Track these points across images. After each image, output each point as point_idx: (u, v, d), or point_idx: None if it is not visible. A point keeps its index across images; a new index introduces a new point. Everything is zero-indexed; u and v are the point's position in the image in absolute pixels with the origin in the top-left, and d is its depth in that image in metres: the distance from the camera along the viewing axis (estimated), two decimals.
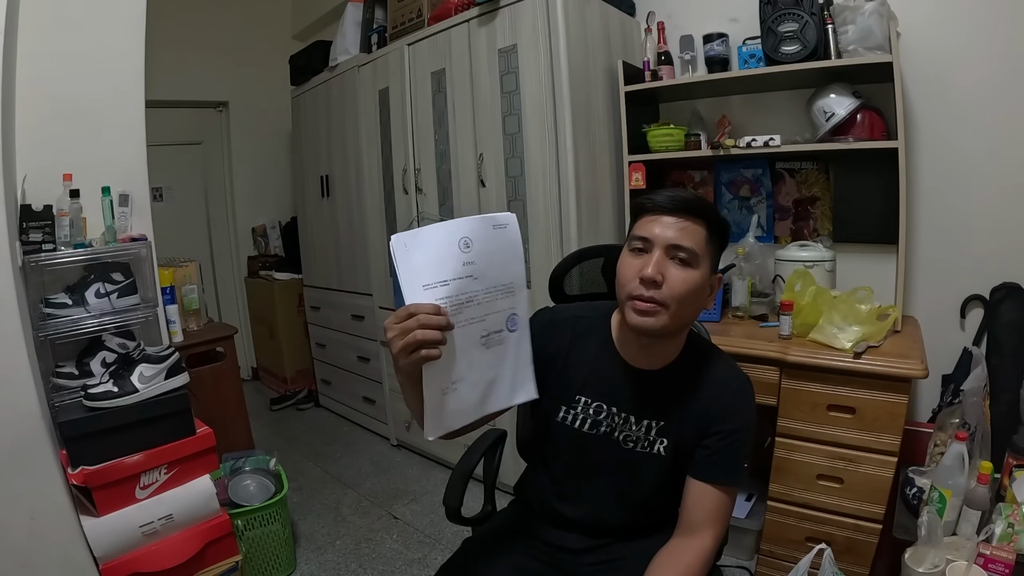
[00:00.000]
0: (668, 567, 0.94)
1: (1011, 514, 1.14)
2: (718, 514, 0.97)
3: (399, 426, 2.86)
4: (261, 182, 4.07)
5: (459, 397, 0.84)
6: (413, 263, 0.79)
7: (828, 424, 1.53)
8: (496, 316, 0.85)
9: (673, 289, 0.89)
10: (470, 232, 0.81)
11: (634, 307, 0.91)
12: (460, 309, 0.81)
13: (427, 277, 0.79)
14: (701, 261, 0.91)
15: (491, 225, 0.84)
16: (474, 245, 0.81)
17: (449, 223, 0.82)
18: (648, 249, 0.91)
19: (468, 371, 0.84)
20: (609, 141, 2.15)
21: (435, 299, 0.79)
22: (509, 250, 0.85)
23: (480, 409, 0.87)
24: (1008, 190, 1.72)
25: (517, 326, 0.87)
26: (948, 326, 1.84)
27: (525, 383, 0.91)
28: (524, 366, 0.90)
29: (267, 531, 1.86)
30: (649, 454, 1.01)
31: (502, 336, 0.86)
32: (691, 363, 1.01)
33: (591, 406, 1.02)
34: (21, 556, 1.46)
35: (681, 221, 0.90)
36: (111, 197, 1.76)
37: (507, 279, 0.85)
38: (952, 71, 1.75)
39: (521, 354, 0.89)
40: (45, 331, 1.59)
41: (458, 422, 0.87)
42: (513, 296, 0.86)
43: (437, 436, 0.85)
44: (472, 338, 0.83)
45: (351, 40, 2.87)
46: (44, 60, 1.67)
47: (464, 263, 0.80)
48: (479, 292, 0.82)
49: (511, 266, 0.86)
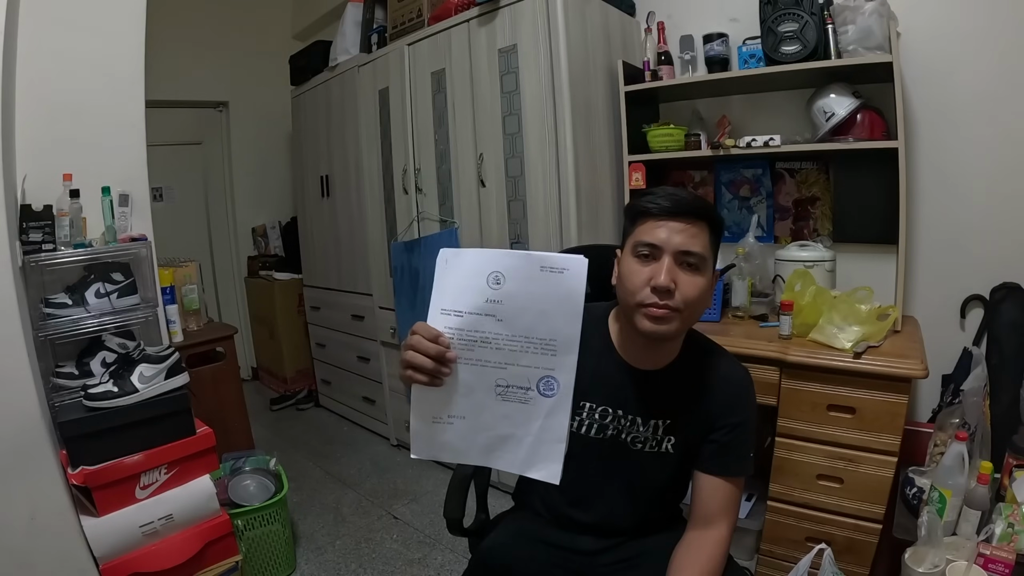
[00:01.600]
0: (692, 562, 0.95)
1: (1011, 514, 1.14)
2: (730, 505, 1.00)
3: (399, 426, 2.86)
4: (261, 182, 4.06)
5: (454, 433, 0.79)
6: (445, 282, 0.76)
7: (828, 424, 1.53)
8: (523, 370, 0.76)
9: (686, 296, 0.89)
10: (505, 267, 0.74)
11: (648, 314, 0.89)
12: (471, 346, 0.76)
13: (447, 302, 0.76)
14: (708, 264, 0.92)
15: (538, 266, 0.73)
16: (505, 283, 0.74)
17: (490, 252, 0.76)
18: (656, 256, 0.90)
19: (471, 413, 0.78)
20: (609, 141, 2.15)
21: (444, 326, 0.75)
22: (556, 300, 0.74)
23: (481, 458, 0.81)
24: (1008, 190, 1.72)
25: (555, 392, 0.77)
26: (948, 326, 1.84)
27: (549, 459, 0.79)
28: (553, 441, 0.79)
29: (267, 531, 1.86)
30: (658, 453, 1.02)
31: (528, 396, 0.77)
32: (692, 360, 1.02)
33: (596, 411, 1.02)
34: (21, 556, 1.46)
35: (688, 226, 0.90)
36: (111, 197, 1.76)
37: (546, 332, 0.75)
38: (952, 71, 1.75)
39: (552, 426, 0.78)
40: (45, 331, 1.59)
41: (448, 456, 0.82)
42: (554, 356, 0.75)
43: (421, 457, 0.82)
44: (484, 382, 0.77)
45: (351, 40, 2.87)
46: (44, 60, 1.66)
47: (487, 300, 0.74)
48: (500, 336, 0.75)
49: (555, 319, 0.74)
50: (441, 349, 0.75)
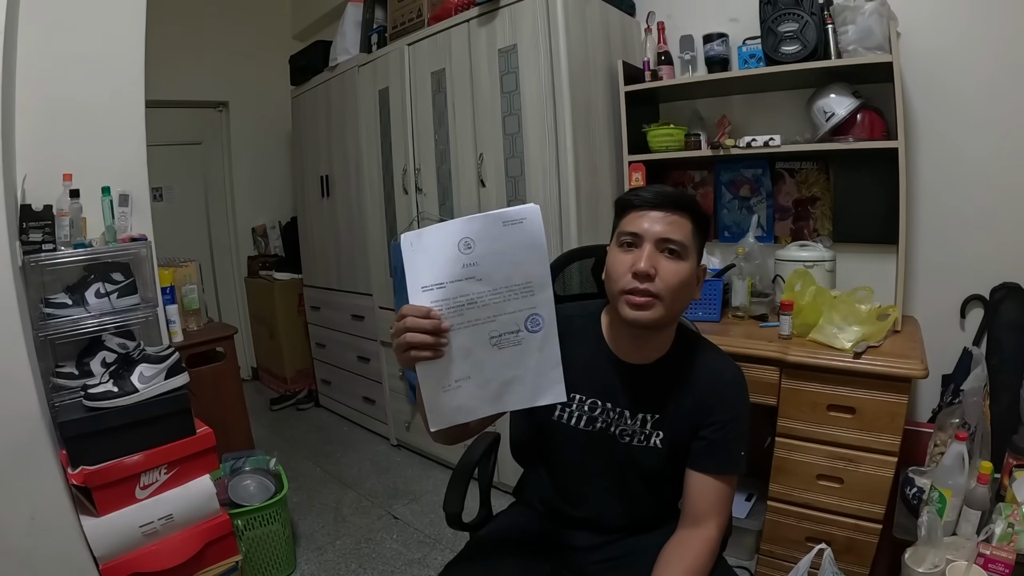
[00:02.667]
0: (677, 559, 0.95)
1: (1011, 514, 1.14)
2: (720, 504, 0.99)
3: (399, 426, 2.86)
4: (261, 182, 4.07)
5: (465, 394, 0.84)
6: (416, 263, 0.80)
7: (828, 424, 1.53)
8: (510, 317, 0.83)
9: (666, 281, 0.91)
10: (472, 232, 0.80)
11: (629, 301, 0.92)
12: (460, 311, 0.81)
13: (426, 278, 0.80)
14: (690, 252, 0.94)
15: (500, 223, 0.80)
16: (476, 246, 0.79)
17: (451, 223, 0.81)
18: (638, 244, 0.93)
19: (474, 371, 0.83)
20: (609, 141, 2.15)
21: (430, 301, 0.80)
22: (524, 248, 0.81)
23: (494, 407, 0.87)
24: (1008, 190, 1.72)
25: (540, 326, 0.84)
26: (948, 326, 1.84)
27: (552, 384, 0.87)
28: (550, 368, 0.86)
29: (267, 531, 1.86)
30: (646, 447, 1.02)
31: (519, 337, 0.83)
32: (682, 355, 1.02)
33: (586, 403, 1.03)
34: (21, 556, 1.46)
35: (668, 215, 0.93)
36: (111, 197, 1.76)
37: (521, 278, 0.82)
38: (952, 71, 1.75)
39: (546, 355, 0.85)
40: (45, 331, 1.59)
41: (463, 417, 0.86)
42: (533, 296, 0.82)
43: (439, 428, 0.86)
44: (479, 339, 0.82)
45: (351, 40, 2.87)
46: (44, 60, 1.66)
47: (464, 265, 0.80)
48: (484, 293, 0.81)
49: (526, 265, 0.81)
50: (435, 322, 0.79)
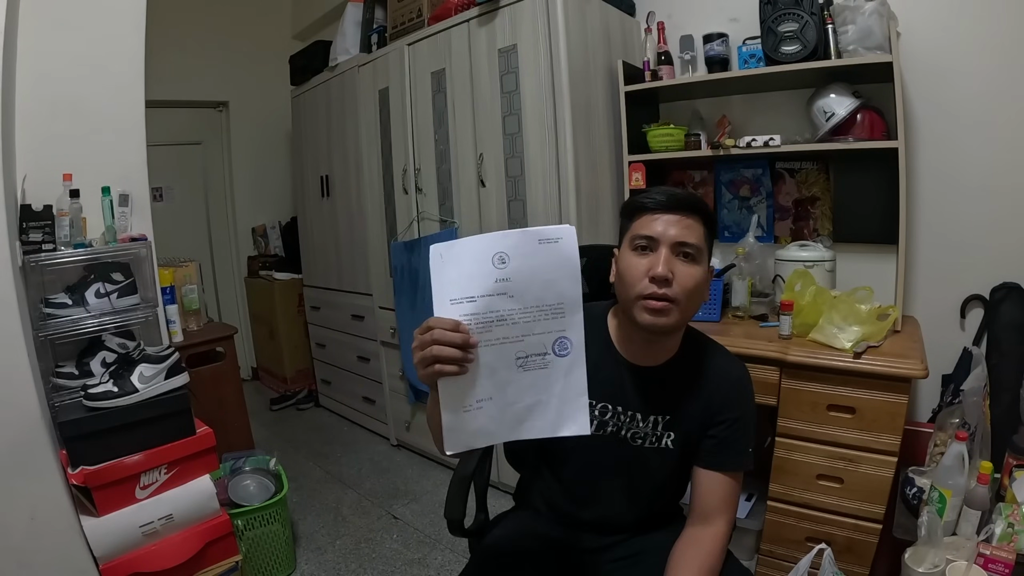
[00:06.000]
0: (691, 559, 0.96)
1: (1011, 514, 1.14)
2: (729, 500, 1.01)
3: (399, 426, 2.86)
4: (261, 182, 4.07)
5: (485, 416, 0.80)
6: (445, 275, 0.77)
7: (828, 424, 1.53)
8: (538, 338, 0.79)
9: (683, 285, 0.91)
10: (507, 247, 0.77)
11: (647, 307, 0.91)
12: (489, 327, 0.78)
13: (455, 292, 0.77)
14: (703, 255, 0.94)
15: (536, 240, 0.78)
16: (511, 261, 0.77)
17: (487, 236, 0.78)
18: (653, 248, 0.92)
19: (497, 392, 0.80)
20: (609, 141, 2.15)
21: (460, 315, 0.77)
22: (558, 267, 0.78)
23: (513, 432, 0.83)
24: (1008, 190, 1.72)
25: (569, 351, 0.80)
26: (948, 326, 1.84)
27: (575, 415, 0.82)
28: (575, 396, 0.81)
29: (267, 531, 1.86)
30: (658, 449, 1.03)
31: (546, 360, 0.80)
32: (691, 356, 1.03)
33: (596, 408, 1.02)
34: (21, 556, 1.46)
35: (682, 218, 0.93)
36: (111, 197, 1.76)
37: (553, 299, 0.79)
38: (952, 71, 1.75)
39: (572, 382, 0.81)
40: (45, 331, 1.59)
41: (481, 442, 0.83)
42: (563, 318, 0.79)
43: (456, 452, 0.82)
44: (505, 359, 0.79)
45: (351, 40, 2.87)
46: (44, 59, 1.66)
47: (497, 280, 0.77)
48: (514, 311, 0.78)
49: (558, 285, 0.78)
50: (465, 336, 0.76)
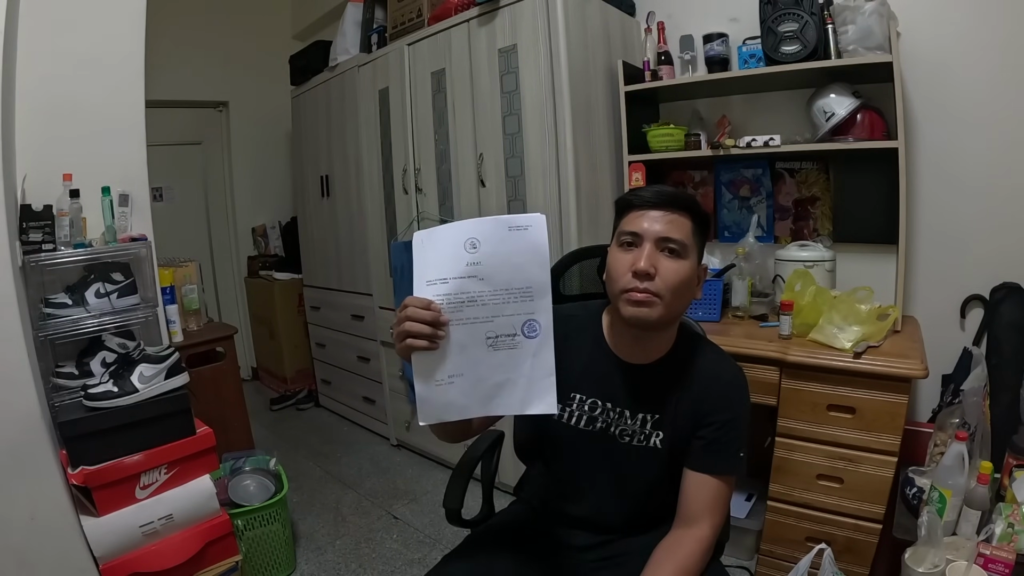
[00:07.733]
0: (667, 558, 0.94)
1: (1011, 514, 1.14)
2: (716, 504, 0.99)
3: (399, 426, 2.86)
4: (261, 182, 4.07)
5: (456, 391, 0.85)
6: (425, 258, 0.84)
7: (828, 424, 1.53)
8: (507, 319, 0.84)
9: (666, 280, 0.91)
10: (479, 233, 0.82)
11: (629, 299, 0.92)
12: (460, 307, 0.83)
13: (431, 273, 0.83)
14: (690, 252, 0.94)
15: (506, 227, 0.83)
16: (481, 246, 0.82)
17: (461, 223, 0.84)
18: (638, 243, 0.93)
19: (468, 368, 0.84)
20: (609, 141, 2.15)
21: (433, 295, 0.82)
22: (527, 253, 0.83)
23: (483, 408, 0.87)
24: (1008, 190, 1.72)
25: (537, 333, 0.85)
26: (948, 326, 1.84)
27: (543, 394, 0.86)
28: (543, 376, 0.86)
29: (267, 531, 1.86)
30: (646, 447, 1.02)
31: (515, 340, 0.84)
32: (683, 355, 1.02)
33: (586, 403, 1.03)
34: (21, 556, 1.46)
35: (668, 214, 0.93)
36: (111, 197, 1.76)
37: (522, 283, 0.83)
38: (952, 71, 1.75)
39: (540, 363, 0.85)
40: (45, 331, 1.59)
41: (453, 415, 0.87)
42: (532, 302, 0.84)
43: (427, 422, 0.87)
44: (476, 337, 0.84)
45: (351, 40, 2.87)
46: (44, 60, 1.66)
47: (468, 263, 0.82)
48: (484, 293, 0.83)
49: (527, 270, 0.83)
50: (435, 314, 0.81)
